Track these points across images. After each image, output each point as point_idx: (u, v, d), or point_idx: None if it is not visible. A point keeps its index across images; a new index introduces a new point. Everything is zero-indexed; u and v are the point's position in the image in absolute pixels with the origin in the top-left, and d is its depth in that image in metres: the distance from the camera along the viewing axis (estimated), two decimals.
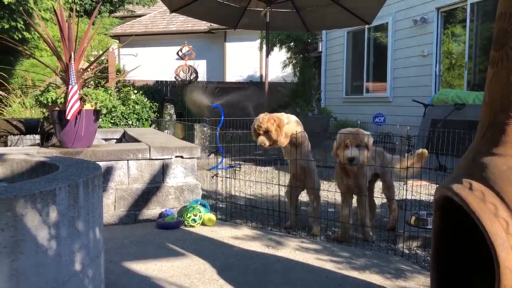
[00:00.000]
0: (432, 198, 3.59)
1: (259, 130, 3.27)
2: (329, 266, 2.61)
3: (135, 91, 7.67)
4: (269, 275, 2.45)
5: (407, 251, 2.94)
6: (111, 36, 15.31)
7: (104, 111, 3.59)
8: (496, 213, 1.45)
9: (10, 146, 4.29)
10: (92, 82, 3.94)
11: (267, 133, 3.24)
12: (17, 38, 9.24)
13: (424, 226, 3.20)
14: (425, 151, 3.24)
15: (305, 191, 3.60)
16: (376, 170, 3.33)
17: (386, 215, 3.75)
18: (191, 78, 11.45)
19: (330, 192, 4.40)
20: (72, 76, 3.33)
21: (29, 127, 4.44)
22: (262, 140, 3.27)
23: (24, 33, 9.65)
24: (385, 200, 3.76)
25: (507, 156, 1.53)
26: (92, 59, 6.65)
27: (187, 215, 3.40)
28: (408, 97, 8.57)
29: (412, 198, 3.99)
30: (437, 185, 1.81)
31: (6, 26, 9.04)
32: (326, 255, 2.81)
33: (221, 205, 4.11)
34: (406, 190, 3.48)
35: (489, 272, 1.52)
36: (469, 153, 1.71)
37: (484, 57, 7.70)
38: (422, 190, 4.31)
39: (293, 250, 2.90)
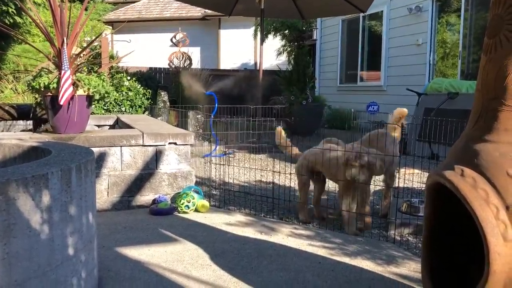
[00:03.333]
0: (424, 186, 3.62)
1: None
2: (322, 252, 2.64)
3: (129, 78, 7.61)
4: (262, 261, 2.46)
5: (398, 238, 2.97)
6: (104, 22, 15.16)
7: (97, 97, 3.56)
8: (487, 199, 1.47)
9: (2, 131, 4.26)
10: (85, 68, 3.91)
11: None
12: (8, 23, 9.12)
13: (416, 214, 3.23)
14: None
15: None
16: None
17: (378, 202, 3.78)
18: (185, 65, 11.38)
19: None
20: (65, 61, 3.30)
21: (21, 112, 4.40)
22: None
23: (16, 17, 9.53)
24: (377, 188, 3.79)
25: (499, 142, 1.54)
26: (85, 44, 6.58)
27: (180, 201, 3.40)
28: (402, 86, 8.58)
29: (404, 186, 4.02)
30: (429, 173, 1.82)
31: None
32: (318, 241, 2.83)
33: (214, 192, 4.11)
34: (399, 178, 3.50)
35: (480, 258, 1.54)
36: (461, 140, 1.72)
37: (478, 47, 7.71)
38: (414, 178, 4.34)
39: (286, 236, 2.92)
